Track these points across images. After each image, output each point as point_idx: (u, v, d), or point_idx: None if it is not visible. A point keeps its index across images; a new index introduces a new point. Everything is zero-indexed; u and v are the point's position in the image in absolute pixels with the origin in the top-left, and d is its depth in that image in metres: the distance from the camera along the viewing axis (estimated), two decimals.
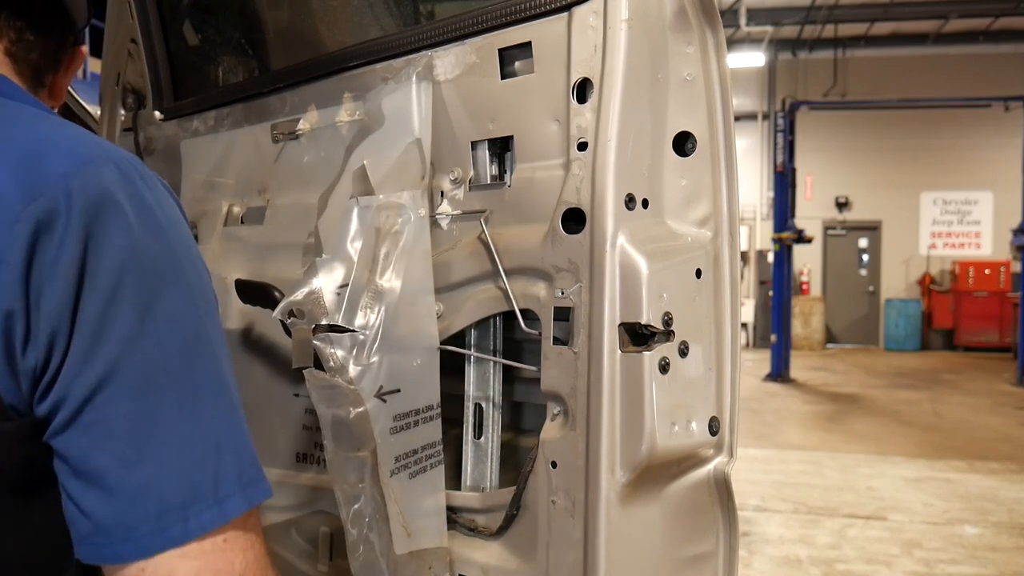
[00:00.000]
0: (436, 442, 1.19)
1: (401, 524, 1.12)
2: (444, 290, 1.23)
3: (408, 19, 1.47)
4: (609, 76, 1.03)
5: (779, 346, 11.63)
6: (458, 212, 1.23)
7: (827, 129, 15.94)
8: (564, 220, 1.07)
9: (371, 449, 1.08)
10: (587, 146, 1.05)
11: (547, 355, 1.09)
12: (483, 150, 1.21)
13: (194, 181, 1.65)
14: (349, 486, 1.06)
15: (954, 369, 13.26)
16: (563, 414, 1.08)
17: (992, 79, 14.97)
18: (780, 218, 11.65)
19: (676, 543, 1.09)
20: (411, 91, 1.20)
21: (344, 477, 1.06)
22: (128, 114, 1.84)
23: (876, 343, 16.46)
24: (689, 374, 1.06)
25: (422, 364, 1.17)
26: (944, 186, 16.20)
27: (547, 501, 1.09)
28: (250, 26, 1.80)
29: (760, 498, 5.79)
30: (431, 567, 1.16)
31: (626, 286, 1.01)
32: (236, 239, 1.56)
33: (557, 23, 1.08)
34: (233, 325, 1.54)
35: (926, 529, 5.22)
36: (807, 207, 15.42)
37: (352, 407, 1.06)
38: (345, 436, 1.06)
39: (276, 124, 1.45)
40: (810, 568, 4.55)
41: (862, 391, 10.89)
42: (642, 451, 1.01)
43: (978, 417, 9.05)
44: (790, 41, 15.80)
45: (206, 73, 1.87)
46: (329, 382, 1.04)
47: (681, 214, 1.10)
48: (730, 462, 1.10)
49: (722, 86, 1.11)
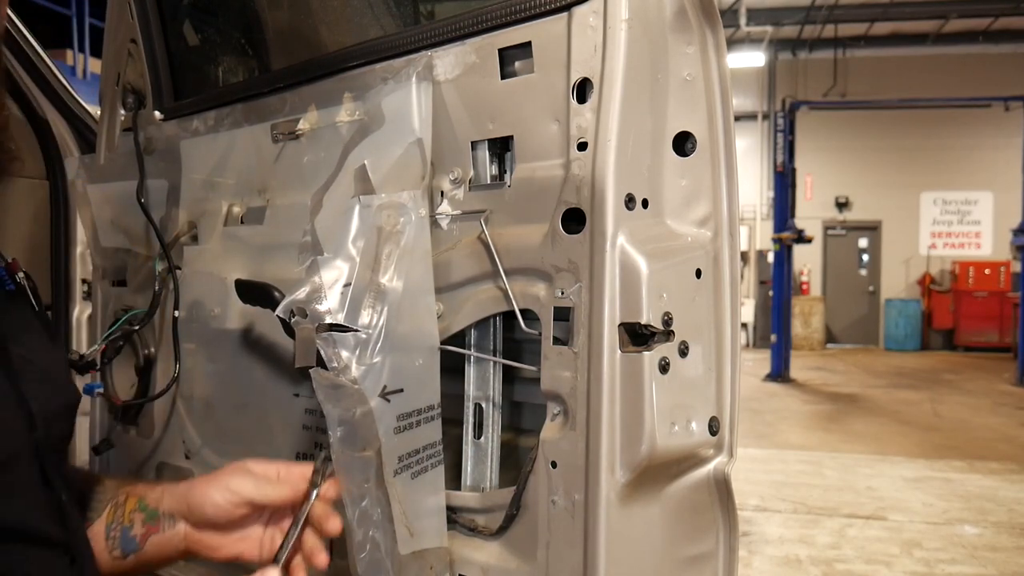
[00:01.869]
0: (437, 442, 1.19)
1: (404, 524, 1.12)
2: (444, 290, 1.23)
3: (408, 19, 1.47)
4: (609, 76, 1.03)
5: (779, 346, 11.63)
6: (458, 212, 1.23)
7: (827, 129, 15.94)
8: (564, 220, 1.07)
9: (376, 449, 1.08)
10: (587, 146, 1.05)
11: (547, 355, 1.09)
12: (483, 150, 1.21)
13: (194, 181, 1.65)
14: (355, 486, 1.06)
15: (954, 369, 13.27)
16: (563, 414, 1.08)
17: (992, 79, 14.97)
18: (780, 218, 11.65)
19: (676, 543, 1.09)
20: (411, 91, 1.20)
21: (351, 477, 1.06)
22: (128, 114, 1.83)
23: (876, 343, 16.47)
24: (689, 374, 1.06)
25: (424, 364, 1.17)
26: (944, 186, 16.21)
27: (547, 501, 1.09)
28: (250, 26, 1.80)
29: (760, 498, 5.79)
30: (432, 567, 1.16)
31: (626, 286, 1.01)
32: (236, 239, 1.56)
33: (557, 23, 1.08)
34: (233, 325, 1.54)
35: (926, 529, 5.22)
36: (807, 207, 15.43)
37: (357, 407, 1.06)
38: (351, 436, 1.06)
39: (276, 124, 1.45)
40: (810, 568, 4.55)
41: (862, 391, 10.89)
42: (642, 451, 1.01)
43: (978, 417, 9.05)
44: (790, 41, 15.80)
45: (206, 73, 1.87)
46: (335, 381, 1.04)
47: (681, 214, 1.10)
48: (730, 462, 1.10)
49: (722, 86, 1.11)
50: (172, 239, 1.69)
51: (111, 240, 1.91)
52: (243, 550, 1.03)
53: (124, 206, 1.80)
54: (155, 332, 1.77)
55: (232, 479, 1.01)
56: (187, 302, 1.64)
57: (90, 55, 10.11)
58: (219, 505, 1.00)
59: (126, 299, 1.86)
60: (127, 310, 1.79)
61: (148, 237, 1.75)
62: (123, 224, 1.84)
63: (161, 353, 1.77)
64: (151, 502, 1.04)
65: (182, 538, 1.03)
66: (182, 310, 1.64)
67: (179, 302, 1.64)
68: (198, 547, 1.03)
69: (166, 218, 1.73)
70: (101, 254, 1.97)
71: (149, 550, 1.02)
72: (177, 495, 1.03)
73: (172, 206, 1.71)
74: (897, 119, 15.88)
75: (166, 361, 1.74)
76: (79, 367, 1.73)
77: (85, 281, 2.28)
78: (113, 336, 1.74)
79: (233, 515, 1.01)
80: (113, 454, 1.85)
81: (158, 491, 1.05)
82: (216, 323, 1.57)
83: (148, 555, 1.03)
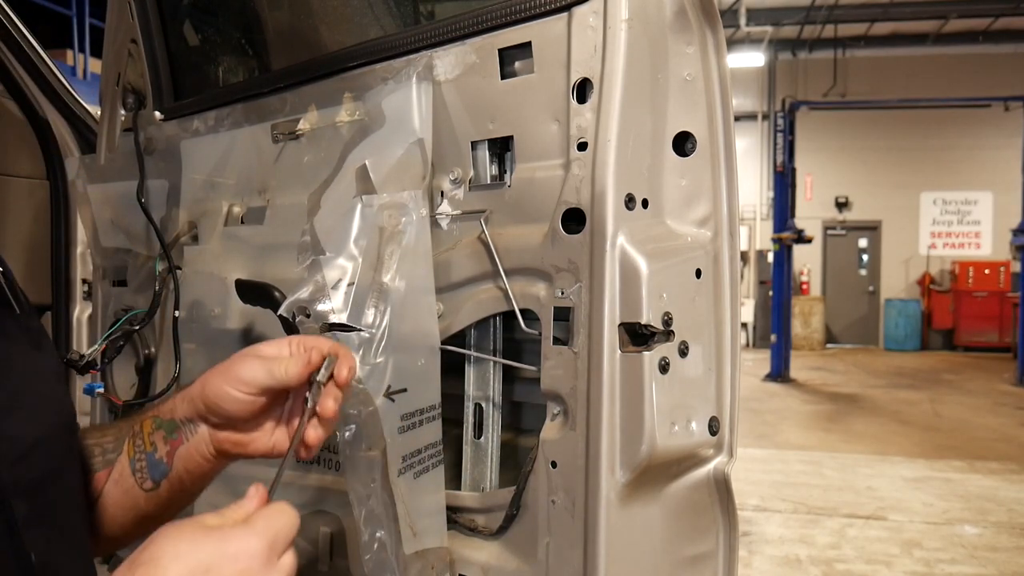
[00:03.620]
0: (437, 442, 1.19)
1: (408, 524, 1.12)
2: (444, 290, 1.23)
3: (408, 19, 1.47)
4: (609, 76, 1.03)
5: (779, 346, 11.63)
6: (458, 212, 1.23)
7: (827, 129, 15.95)
8: (564, 220, 1.07)
9: (381, 449, 1.08)
10: (587, 146, 1.05)
11: (547, 355, 1.09)
12: (483, 150, 1.21)
13: (194, 181, 1.65)
14: (363, 486, 1.07)
15: (954, 369, 13.27)
16: (563, 414, 1.08)
17: (992, 79, 14.98)
18: (780, 218, 11.65)
19: (676, 543, 1.09)
20: (411, 91, 1.20)
21: (358, 477, 1.06)
22: (128, 114, 1.83)
23: (876, 343, 16.47)
24: (689, 374, 1.06)
25: (426, 364, 1.17)
26: (944, 186, 16.21)
27: (547, 501, 1.09)
28: (250, 26, 1.80)
29: (760, 498, 5.79)
30: (433, 567, 1.17)
31: (626, 286, 1.01)
32: (236, 239, 1.56)
33: (557, 23, 1.08)
34: (233, 325, 1.54)
35: (926, 529, 5.22)
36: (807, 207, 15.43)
37: (363, 406, 1.06)
38: (358, 436, 1.06)
39: (276, 124, 1.45)
40: (810, 568, 4.55)
41: (862, 391, 10.89)
42: (642, 451, 1.01)
43: (978, 417, 9.05)
44: (790, 41, 15.80)
45: (206, 73, 1.87)
46: None
47: (681, 214, 1.10)
48: (730, 462, 1.10)
49: (722, 86, 1.11)
50: (172, 239, 1.69)
51: (111, 240, 1.91)
52: (275, 441, 0.94)
53: (124, 206, 1.80)
54: (155, 332, 1.77)
55: (243, 369, 0.91)
56: (187, 302, 1.64)
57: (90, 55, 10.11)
58: (237, 399, 0.90)
59: (126, 299, 1.86)
60: (127, 310, 1.79)
61: (148, 237, 1.75)
62: (123, 224, 1.84)
63: (161, 353, 1.77)
64: (165, 414, 0.96)
65: (208, 441, 0.94)
66: (182, 310, 1.64)
67: (179, 302, 1.64)
68: (226, 446, 0.94)
69: (166, 218, 1.73)
70: (101, 254, 1.97)
71: (179, 467, 0.95)
72: (191, 398, 0.94)
73: (172, 206, 1.71)
74: (897, 119, 15.88)
75: (166, 361, 1.74)
76: (79, 367, 1.73)
77: (85, 281, 2.28)
78: (113, 336, 1.74)
79: (254, 407, 0.92)
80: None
81: (171, 401, 0.97)
82: (216, 323, 1.57)
83: (180, 473, 0.95)
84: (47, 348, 0.90)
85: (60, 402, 0.88)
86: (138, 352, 1.79)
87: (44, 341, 0.89)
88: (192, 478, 0.96)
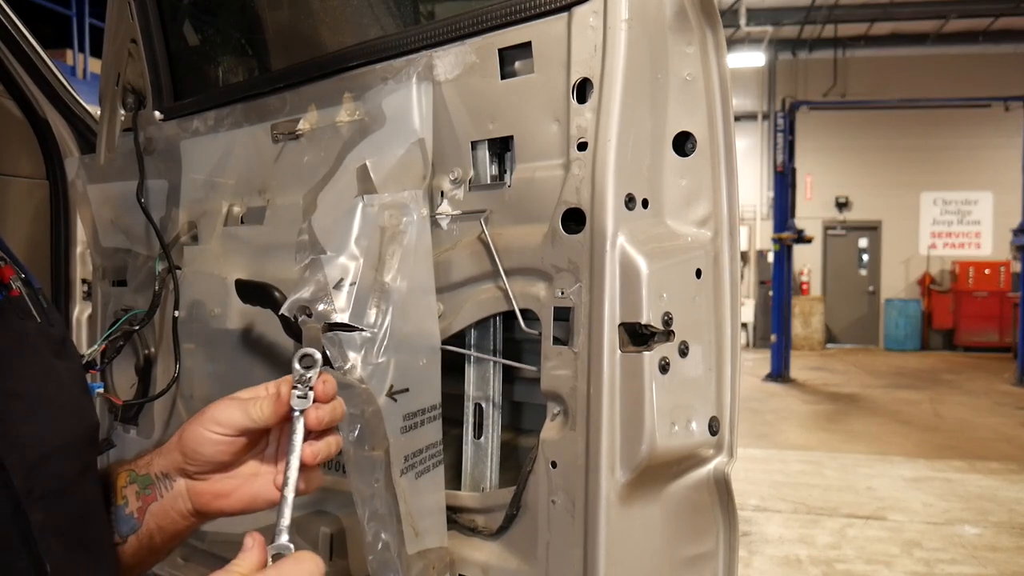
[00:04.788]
0: (438, 442, 1.19)
1: (410, 524, 1.12)
2: (444, 290, 1.23)
3: (408, 19, 1.47)
4: (609, 76, 1.03)
5: (779, 346, 11.63)
6: (458, 212, 1.23)
7: (827, 129, 15.94)
8: (564, 220, 1.07)
9: (384, 449, 1.08)
10: (587, 146, 1.05)
11: (547, 355, 1.09)
12: (483, 150, 1.21)
13: (194, 181, 1.65)
14: (366, 486, 1.06)
15: (954, 369, 13.26)
16: (563, 414, 1.08)
17: (992, 79, 14.97)
18: (780, 218, 11.64)
19: (676, 543, 1.09)
20: (411, 91, 1.20)
21: (362, 477, 1.06)
22: (128, 114, 1.83)
23: (876, 343, 16.46)
24: (689, 374, 1.06)
25: (427, 364, 1.17)
26: (944, 186, 16.20)
27: (547, 501, 1.09)
28: (250, 26, 1.80)
29: (760, 498, 5.79)
30: (434, 566, 1.17)
31: (626, 286, 1.01)
32: (236, 239, 1.56)
33: (557, 23, 1.08)
34: (233, 325, 1.54)
35: (926, 529, 5.22)
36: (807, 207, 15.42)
37: (366, 406, 1.06)
38: (361, 436, 1.06)
39: (276, 124, 1.45)
40: (810, 568, 4.55)
41: (862, 391, 10.89)
42: (642, 451, 1.01)
43: (978, 417, 9.05)
44: (790, 41, 15.80)
45: (206, 73, 1.87)
46: (344, 381, 1.04)
47: (681, 214, 1.10)
48: (730, 462, 1.10)
49: (722, 86, 1.11)
50: (172, 239, 1.69)
51: (111, 240, 1.91)
52: (257, 490, 0.91)
53: (124, 206, 1.80)
54: (155, 332, 1.77)
55: (219, 411, 0.89)
56: (187, 302, 1.64)
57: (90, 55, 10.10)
58: (214, 441, 0.88)
59: (126, 299, 1.86)
60: (127, 310, 1.79)
61: (148, 237, 1.75)
62: (123, 224, 1.84)
63: (161, 353, 1.77)
64: (141, 468, 0.93)
65: (186, 497, 0.92)
66: (182, 310, 1.64)
67: (179, 302, 1.64)
68: (205, 499, 0.91)
69: (166, 218, 1.73)
70: (101, 254, 1.97)
71: (150, 523, 0.92)
72: (168, 450, 0.92)
73: (172, 206, 1.71)
74: (897, 119, 15.87)
75: (166, 361, 1.74)
76: None
77: (85, 281, 2.28)
78: (113, 336, 1.74)
79: (233, 448, 0.89)
80: (113, 454, 1.85)
81: (147, 456, 0.94)
82: (216, 323, 1.57)
83: (151, 530, 0.92)
84: (70, 356, 0.88)
85: (82, 410, 0.86)
86: (138, 352, 1.79)
87: (67, 349, 0.87)
88: (164, 536, 0.93)
